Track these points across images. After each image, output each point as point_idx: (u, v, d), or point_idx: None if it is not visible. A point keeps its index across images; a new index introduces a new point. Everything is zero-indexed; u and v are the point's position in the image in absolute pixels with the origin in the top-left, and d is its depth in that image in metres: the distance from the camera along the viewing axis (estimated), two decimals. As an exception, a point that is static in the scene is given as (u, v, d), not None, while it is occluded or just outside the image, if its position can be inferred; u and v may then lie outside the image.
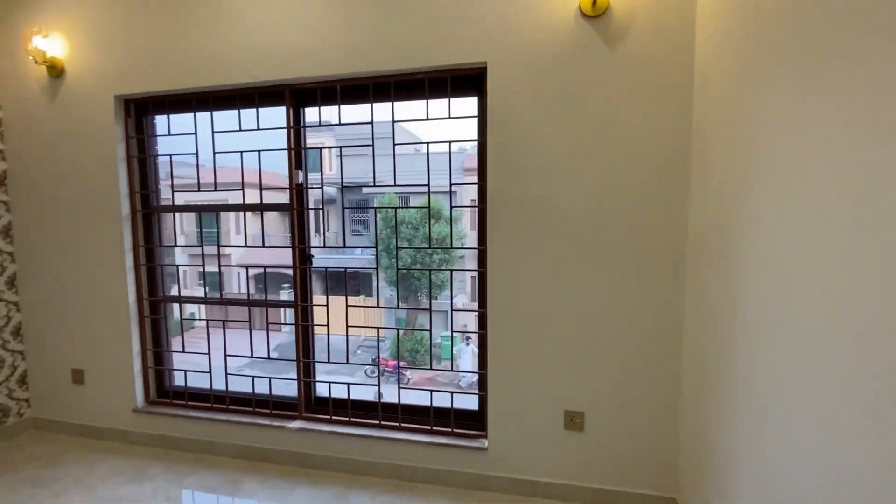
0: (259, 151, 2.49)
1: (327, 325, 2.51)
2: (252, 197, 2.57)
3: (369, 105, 2.33)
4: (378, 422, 2.45)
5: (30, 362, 2.91)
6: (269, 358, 2.58)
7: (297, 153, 2.48)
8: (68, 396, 2.86)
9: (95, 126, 2.60)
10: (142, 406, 2.75)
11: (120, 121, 2.61)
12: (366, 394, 2.39)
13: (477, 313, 2.34)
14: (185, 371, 2.75)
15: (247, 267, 2.70)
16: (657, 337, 2.04)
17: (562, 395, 2.16)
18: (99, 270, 2.70)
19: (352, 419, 2.49)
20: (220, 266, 2.65)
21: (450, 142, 2.29)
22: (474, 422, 2.40)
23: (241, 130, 2.50)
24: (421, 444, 2.32)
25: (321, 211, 2.76)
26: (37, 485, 2.33)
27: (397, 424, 2.42)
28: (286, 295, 8.06)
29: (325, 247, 2.65)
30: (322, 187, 2.72)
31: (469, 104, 2.24)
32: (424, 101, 2.25)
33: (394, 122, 2.30)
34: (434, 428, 2.37)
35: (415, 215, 8.43)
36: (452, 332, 2.49)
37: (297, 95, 2.43)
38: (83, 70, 2.59)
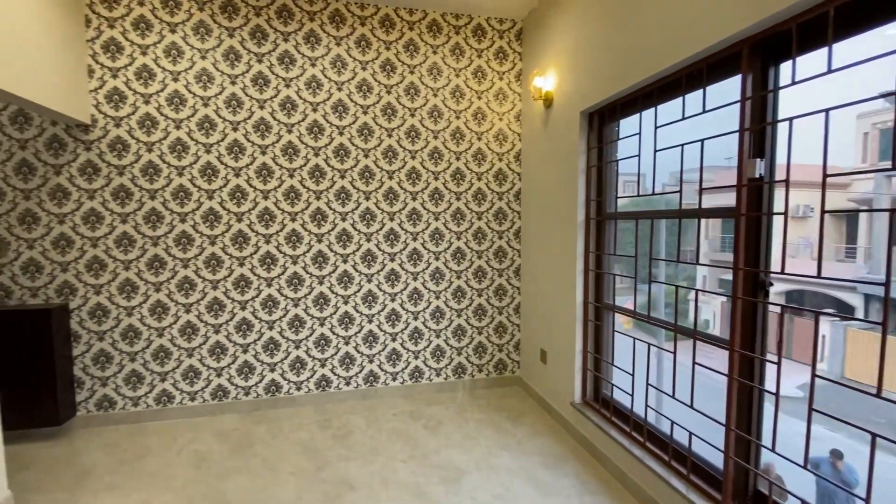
0: (702, 141, 1.94)
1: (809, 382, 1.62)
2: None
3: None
4: None
5: (522, 334, 3.78)
6: (691, 407, 2.00)
7: (760, 134, 1.73)
8: (537, 370, 3.48)
9: (567, 142, 2.94)
10: (578, 402, 2.91)
11: (583, 134, 2.81)
12: None
13: None
14: (613, 385, 2.66)
15: (677, 286, 2.20)
16: None
17: None
18: (560, 270, 3.06)
19: (805, 562, 1.50)
20: (649, 281, 2.32)
21: None
22: None
23: (683, 119, 2.05)
24: None
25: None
26: (498, 429, 3.00)
27: None
28: (826, 323, 5.98)
29: (818, 273, 1.71)
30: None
31: None
32: None
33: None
34: None
35: None
36: None
37: (758, 51, 1.69)
38: (562, 96, 2.98)
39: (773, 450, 1.63)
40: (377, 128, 3.39)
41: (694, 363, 1.98)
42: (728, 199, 1.88)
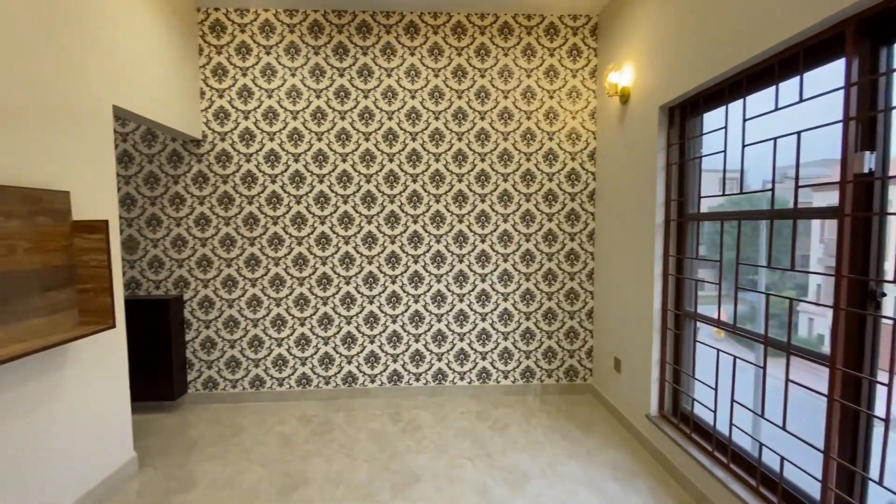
0: (798, 133, 1.74)
1: None
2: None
3: None
4: None
5: (595, 341, 3.64)
6: (783, 428, 1.80)
7: (870, 124, 1.53)
8: (610, 379, 3.33)
9: (644, 139, 2.79)
10: (654, 415, 2.74)
11: (662, 130, 2.65)
12: None
13: None
14: (693, 399, 2.47)
15: (769, 294, 1.97)
16: None
17: None
18: (636, 274, 2.91)
19: None
20: (735, 287, 2.12)
21: None
22: None
23: (776, 110, 1.86)
24: None
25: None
26: (567, 437, 2.92)
27: None
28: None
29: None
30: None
31: None
32: None
33: None
34: None
35: None
36: None
37: (865, 31, 1.49)
38: (640, 91, 2.84)
39: (880, 483, 1.41)
40: (448, 132, 3.49)
41: (787, 380, 1.79)
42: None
